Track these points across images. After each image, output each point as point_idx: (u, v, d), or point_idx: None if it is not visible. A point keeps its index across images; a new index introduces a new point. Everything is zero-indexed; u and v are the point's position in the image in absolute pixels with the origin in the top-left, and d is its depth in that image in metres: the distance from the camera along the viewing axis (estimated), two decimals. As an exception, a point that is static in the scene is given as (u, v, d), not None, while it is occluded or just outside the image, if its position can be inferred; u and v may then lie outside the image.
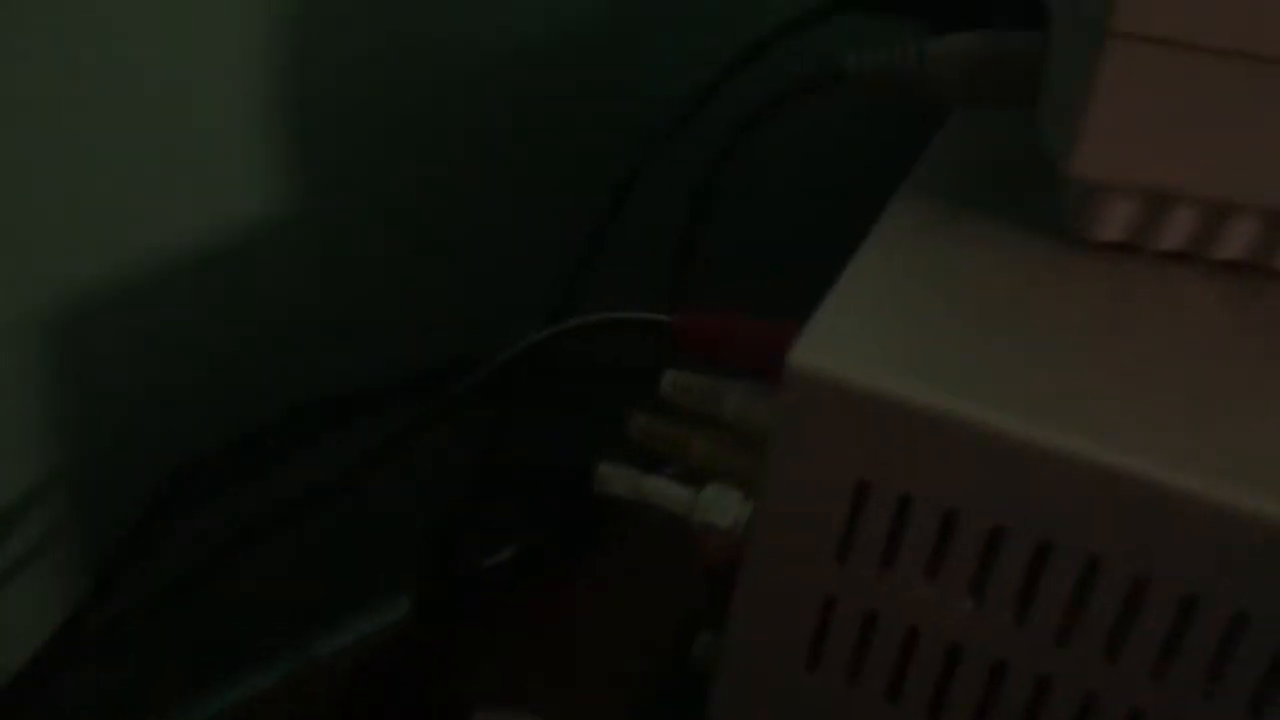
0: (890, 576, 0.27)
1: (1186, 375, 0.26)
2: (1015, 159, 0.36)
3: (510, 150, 0.48)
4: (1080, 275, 0.30)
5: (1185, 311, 0.29)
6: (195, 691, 0.51)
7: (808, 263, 0.58)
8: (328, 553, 0.50)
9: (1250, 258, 0.31)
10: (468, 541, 0.49)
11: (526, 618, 0.46)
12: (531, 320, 0.43)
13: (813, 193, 0.56)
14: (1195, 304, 0.29)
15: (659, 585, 0.46)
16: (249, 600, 0.49)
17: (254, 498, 0.42)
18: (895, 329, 0.27)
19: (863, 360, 0.26)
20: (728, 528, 0.31)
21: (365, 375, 0.44)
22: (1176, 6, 0.27)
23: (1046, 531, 0.25)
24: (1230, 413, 0.25)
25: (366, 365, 0.45)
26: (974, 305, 0.28)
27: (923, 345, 0.26)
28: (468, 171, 0.47)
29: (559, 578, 0.48)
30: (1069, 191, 0.32)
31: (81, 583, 0.43)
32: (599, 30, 0.49)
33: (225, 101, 0.40)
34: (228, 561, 0.43)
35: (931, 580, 0.26)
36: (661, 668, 0.41)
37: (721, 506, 0.31)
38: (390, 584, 0.53)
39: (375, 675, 0.48)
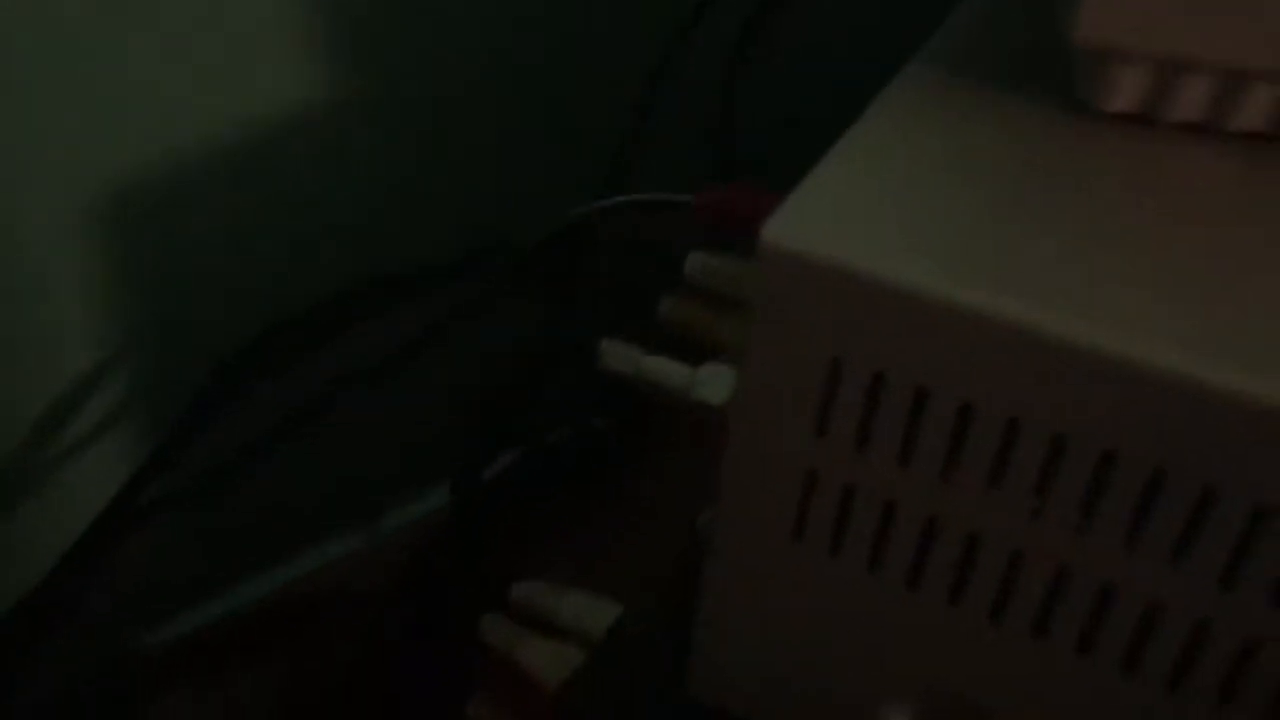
0: (866, 451, 0.27)
1: (1194, 253, 0.26)
2: (1030, 35, 0.34)
3: (546, 39, 0.48)
4: (1087, 149, 0.29)
5: (1197, 186, 0.28)
6: (262, 563, 0.54)
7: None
8: (380, 435, 0.51)
9: (1269, 129, 0.29)
10: (513, 426, 0.50)
11: (567, 509, 0.48)
12: (566, 207, 0.43)
13: (841, 72, 0.55)
14: (1208, 177, 0.28)
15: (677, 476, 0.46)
16: (307, 480, 0.51)
17: (301, 383, 0.44)
18: (880, 203, 0.27)
19: (835, 236, 0.26)
20: (721, 404, 0.31)
21: (405, 261, 0.45)
22: None
23: (1015, 408, 0.25)
24: (1235, 291, 0.25)
25: (407, 251, 0.46)
26: (970, 179, 0.28)
27: (906, 220, 0.26)
28: (504, 60, 0.48)
29: (600, 473, 0.49)
30: (1077, 60, 0.31)
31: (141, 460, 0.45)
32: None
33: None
34: (282, 440, 0.44)
35: (906, 456, 0.27)
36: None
37: (715, 383, 0.31)
38: (435, 474, 0.54)
39: (425, 553, 0.50)
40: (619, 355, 0.33)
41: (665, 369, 0.33)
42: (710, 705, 0.33)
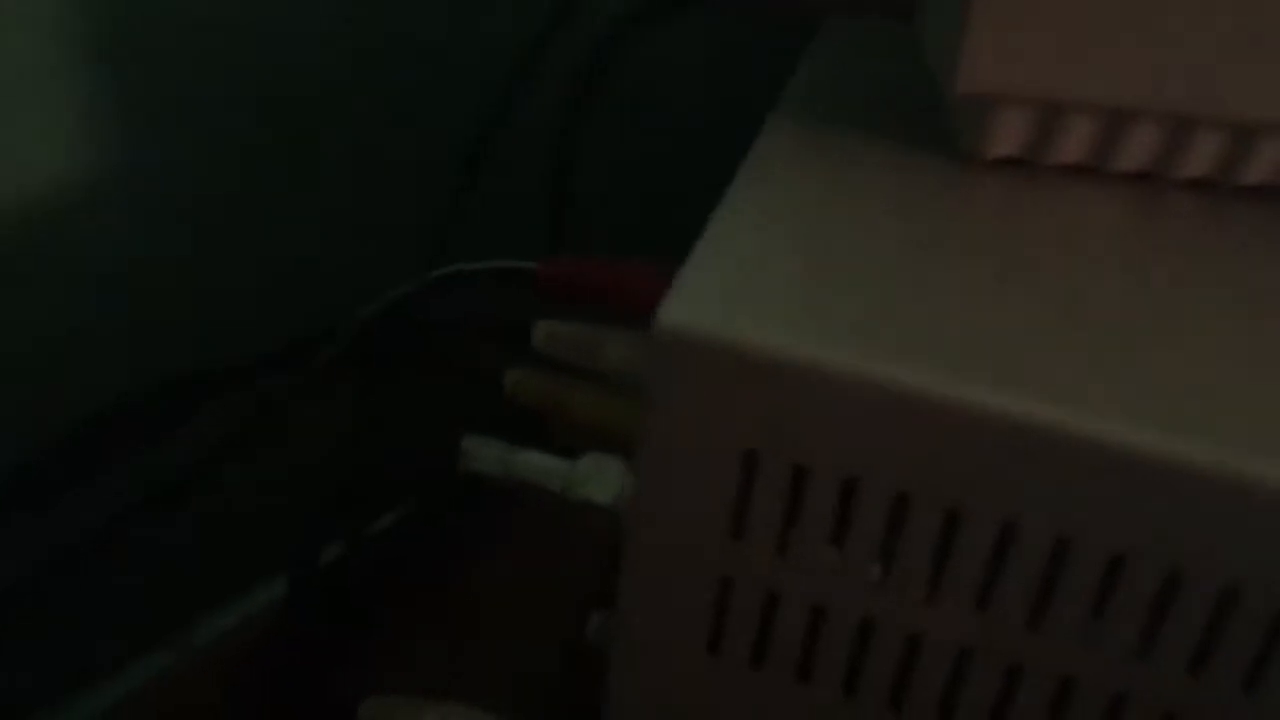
0: (790, 552, 0.24)
1: (1100, 305, 0.24)
2: (891, 74, 0.33)
3: (358, 102, 0.44)
4: (974, 198, 0.27)
5: (1089, 230, 0.26)
6: (60, 695, 0.47)
7: (683, 200, 0.55)
8: (197, 539, 0.46)
9: (1152, 168, 0.28)
10: (341, 519, 0.46)
11: (411, 600, 0.43)
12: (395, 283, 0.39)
13: (680, 125, 0.53)
14: (1099, 221, 0.27)
15: (546, 559, 0.43)
16: (117, 592, 0.45)
17: (112, 484, 0.38)
18: (775, 276, 0.24)
19: (741, 314, 0.23)
20: (608, 504, 0.28)
21: (226, 349, 0.40)
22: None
23: (959, 494, 0.22)
24: (1145, 346, 0.23)
25: (228, 339, 0.41)
26: (862, 242, 0.25)
27: (808, 293, 0.23)
28: (316, 129, 0.43)
29: (442, 554, 0.45)
30: (955, 107, 0.29)
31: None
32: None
33: (31, 69, 0.36)
34: (90, 556, 0.39)
35: (835, 554, 0.24)
36: (560, 649, 0.38)
37: (600, 480, 0.28)
38: (263, 569, 0.50)
39: (254, 667, 0.45)
40: (483, 454, 0.30)
41: (539, 465, 0.29)
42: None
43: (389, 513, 0.46)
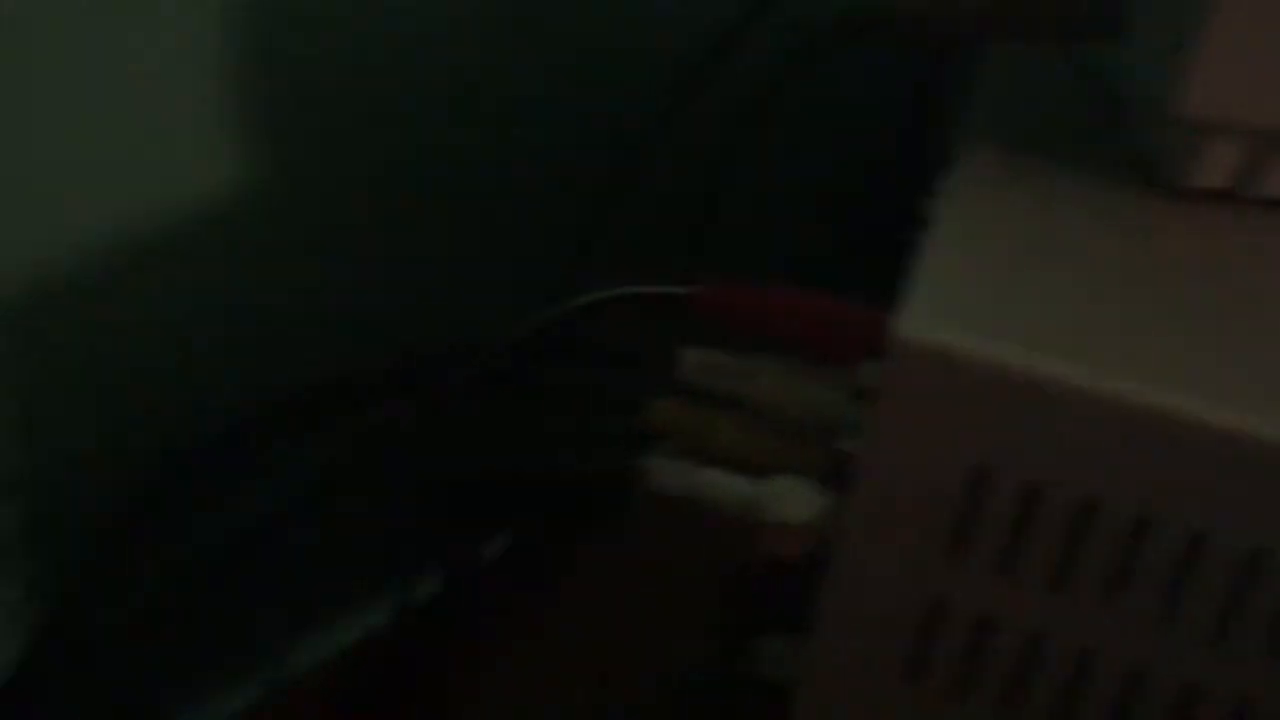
0: (1012, 576, 0.23)
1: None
2: (1068, 101, 0.32)
3: (505, 122, 0.44)
4: (1188, 227, 0.27)
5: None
6: (170, 708, 0.47)
7: (815, 237, 0.55)
8: (304, 560, 0.46)
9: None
10: (461, 542, 0.45)
11: (526, 621, 0.43)
12: (533, 305, 0.39)
13: (817, 160, 0.53)
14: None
15: (671, 580, 0.42)
16: (217, 615, 0.45)
17: (232, 502, 0.38)
18: (1005, 295, 0.23)
19: (978, 328, 0.22)
20: (803, 523, 0.27)
21: (357, 367, 0.40)
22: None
23: (1203, 521, 0.21)
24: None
25: (360, 356, 0.41)
26: (1080, 267, 0.25)
27: (1037, 310, 0.23)
28: (459, 146, 0.43)
29: (562, 574, 0.44)
30: (1165, 134, 0.28)
31: (41, 605, 0.38)
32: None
33: (202, 77, 0.36)
34: (214, 573, 0.39)
35: (1063, 580, 0.23)
36: (691, 672, 0.37)
37: (793, 499, 0.27)
38: (368, 591, 0.49)
39: (359, 691, 0.44)
40: (670, 473, 0.29)
41: (725, 485, 0.28)
42: None
43: (506, 536, 0.45)
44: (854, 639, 0.25)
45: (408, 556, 0.46)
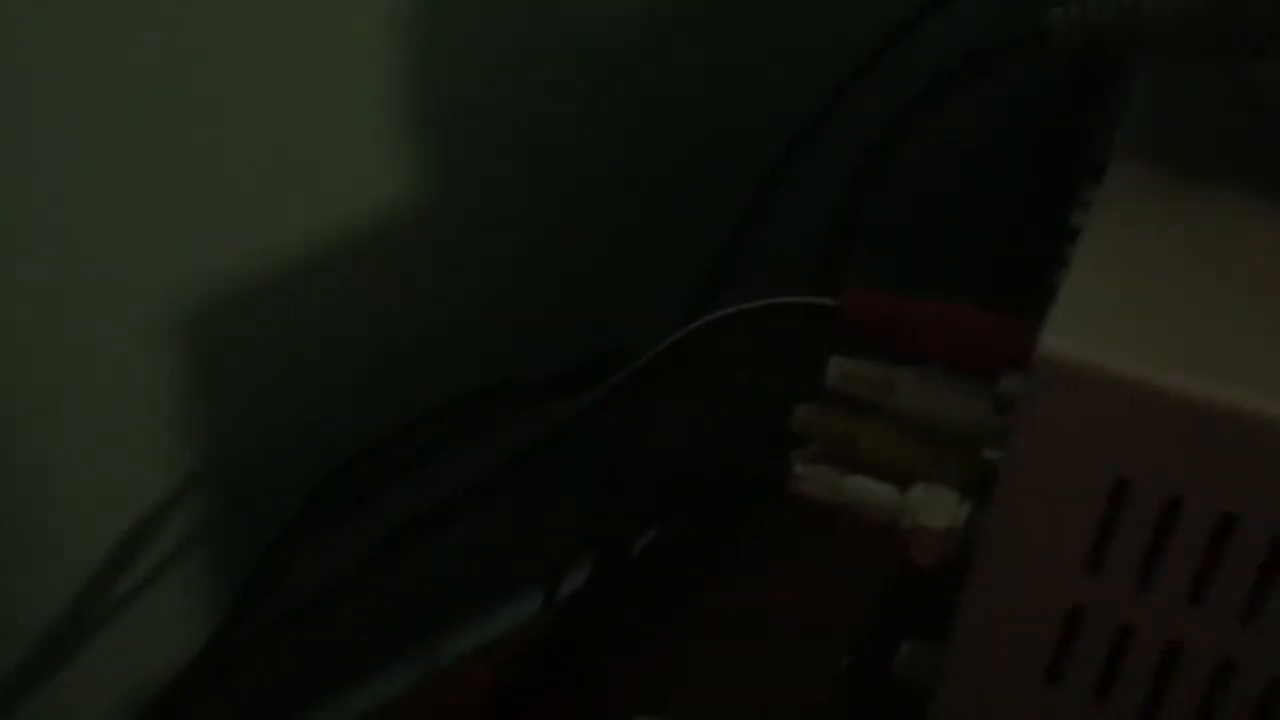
0: (1151, 588, 0.24)
1: None
2: (1222, 117, 0.33)
3: (649, 137, 0.46)
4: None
5: None
6: (320, 701, 0.49)
7: (956, 247, 0.55)
8: (461, 554, 0.48)
9: None
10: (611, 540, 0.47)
11: (677, 615, 0.44)
12: (675, 314, 0.40)
13: (957, 174, 0.53)
14: None
15: (820, 578, 0.43)
16: (382, 603, 0.47)
17: (396, 503, 0.40)
18: (1152, 310, 0.24)
19: (1126, 345, 0.23)
20: (944, 529, 0.28)
21: (511, 373, 0.42)
22: None
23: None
24: None
25: (512, 363, 0.43)
26: (1230, 284, 0.25)
27: (1186, 328, 0.23)
28: (605, 160, 0.45)
29: (710, 570, 0.45)
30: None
31: (224, 596, 0.41)
32: (734, 11, 0.46)
33: (363, 96, 0.38)
34: (379, 570, 0.41)
35: (1199, 593, 0.24)
36: (840, 669, 0.39)
37: (936, 506, 0.28)
38: (519, 583, 0.51)
39: (515, 679, 0.46)
40: (816, 478, 0.30)
41: (874, 492, 0.29)
42: None
43: (656, 532, 0.47)
44: (993, 645, 0.26)
45: (561, 550, 0.48)
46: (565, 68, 0.42)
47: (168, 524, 0.41)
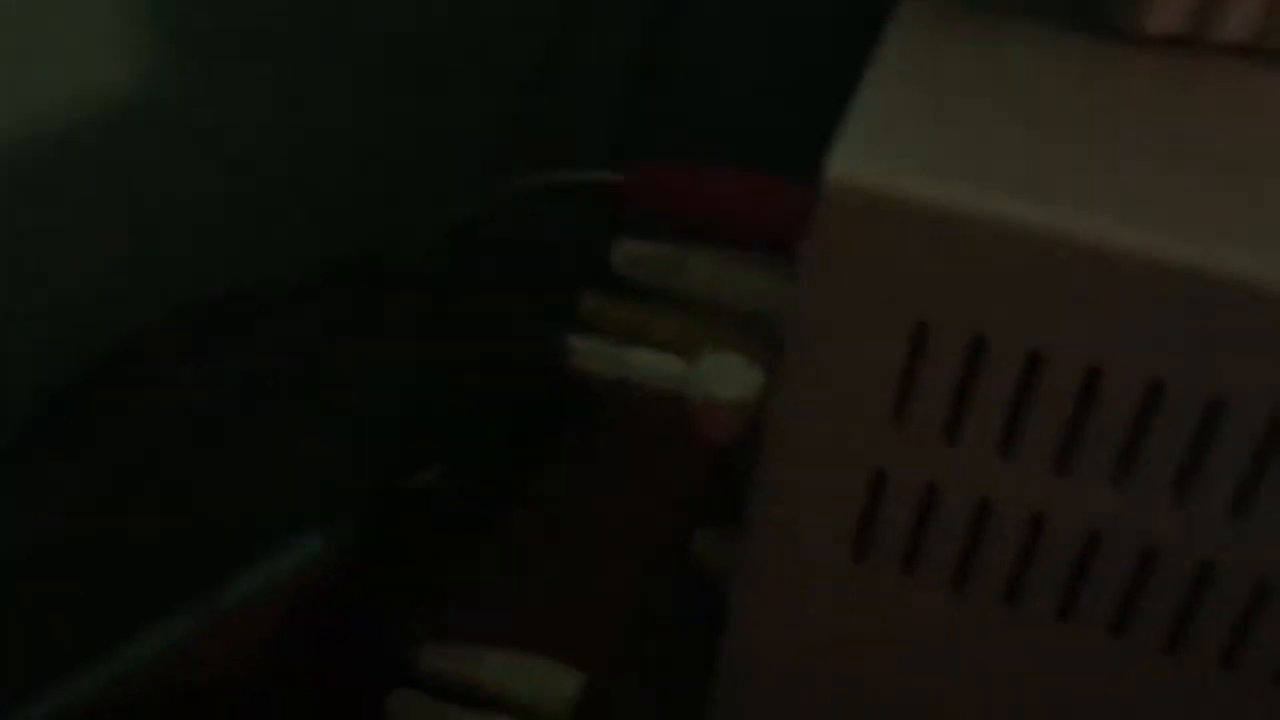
0: (959, 438, 0.22)
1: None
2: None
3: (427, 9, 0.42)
4: (1136, 70, 0.25)
5: (1255, 104, 0.24)
6: (104, 642, 0.45)
7: (750, 122, 0.52)
8: (240, 476, 0.43)
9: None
10: (409, 449, 0.43)
11: (468, 543, 0.41)
12: (459, 197, 0.37)
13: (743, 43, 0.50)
14: (1268, 96, 0.25)
15: (641, 471, 0.40)
16: (153, 539, 0.43)
17: (149, 417, 0.36)
18: (943, 133, 0.21)
19: (920, 168, 0.20)
20: (734, 399, 0.26)
21: (275, 270, 0.37)
22: None
23: (1160, 362, 0.20)
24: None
25: (278, 260, 0.39)
26: (1024, 105, 0.23)
27: (979, 149, 0.21)
28: (379, 36, 0.41)
29: (502, 497, 0.42)
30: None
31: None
32: None
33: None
34: (128, 495, 0.36)
35: (1009, 441, 0.21)
36: (657, 571, 0.36)
37: (725, 375, 0.26)
38: (314, 510, 0.47)
39: (308, 613, 0.42)
40: (593, 353, 0.27)
41: (658, 365, 0.27)
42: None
43: (451, 448, 0.43)
44: (793, 518, 0.23)
45: (341, 485, 0.45)
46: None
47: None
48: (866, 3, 0.31)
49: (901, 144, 0.21)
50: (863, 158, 0.20)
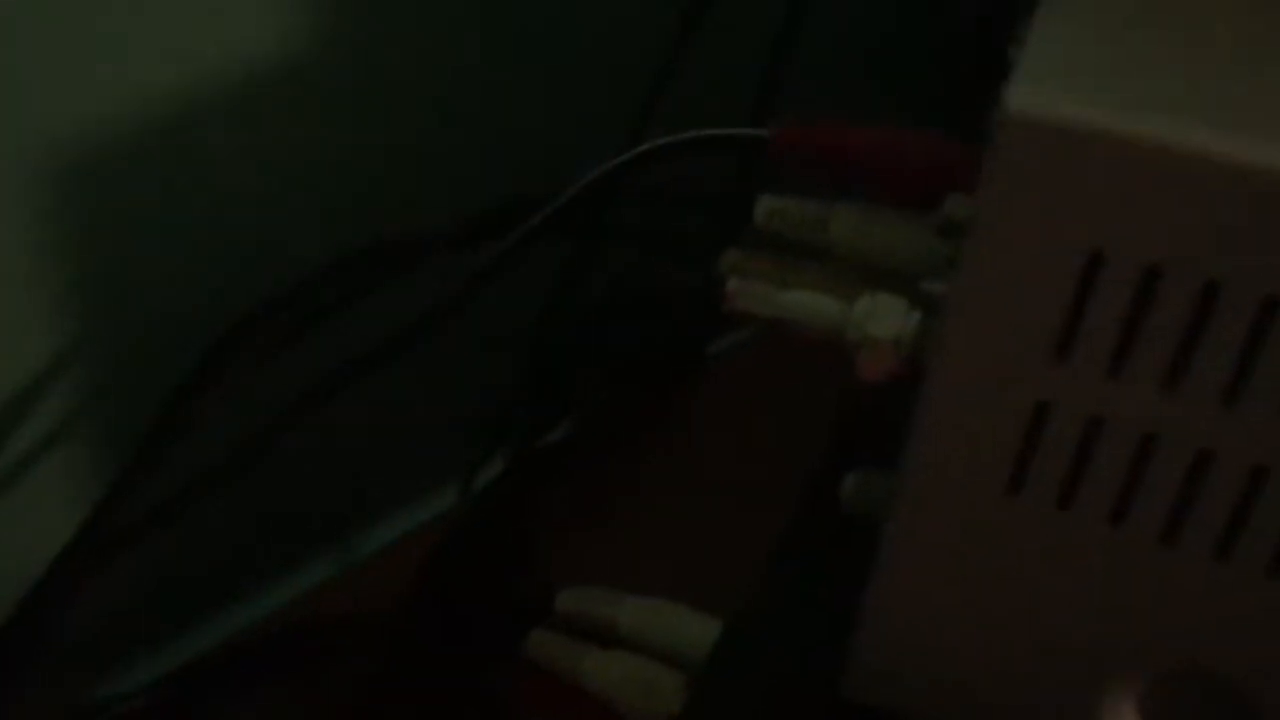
0: (1125, 371, 0.22)
1: None
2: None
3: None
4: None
5: None
6: (241, 586, 0.46)
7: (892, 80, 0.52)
8: (385, 421, 0.45)
9: None
10: (534, 404, 0.44)
11: (612, 485, 0.42)
12: (601, 151, 0.38)
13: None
14: None
15: (756, 440, 0.41)
16: (294, 482, 0.44)
17: (302, 364, 0.37)
18: (1126, 62, 0.22)
19: (1107, 97, 0.20)
20: (891, 338, 0.26)
21: (424, 219, 0.39)
22: None
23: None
24: None
25: (425, 208, 0.40)
26: (1210, 33, 0.23)
27: (1167, 79, 0.21)
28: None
29: (643, 439, 0.43)
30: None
31: (108, 469, 0.38)
32: None
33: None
34: (277, 434, 0.38)
35: (1177, 376, 0.22)
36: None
37: (884, 314, 0.26)
38: (438, 471, 0.48)
39: (440, 563, 0.43)
40: (751, 293, 0.28)
41: (814, 305, 0.27)
42: (873, 706, 0.27)
43: (586, 398, 0.44)
44: (950, 459, 0.24)
45: (477, 435, 0.46)
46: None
47: (46, 398, 0.38)
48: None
49: (1083, 74, 0.21)
50: (1044, 88, 0.21)
